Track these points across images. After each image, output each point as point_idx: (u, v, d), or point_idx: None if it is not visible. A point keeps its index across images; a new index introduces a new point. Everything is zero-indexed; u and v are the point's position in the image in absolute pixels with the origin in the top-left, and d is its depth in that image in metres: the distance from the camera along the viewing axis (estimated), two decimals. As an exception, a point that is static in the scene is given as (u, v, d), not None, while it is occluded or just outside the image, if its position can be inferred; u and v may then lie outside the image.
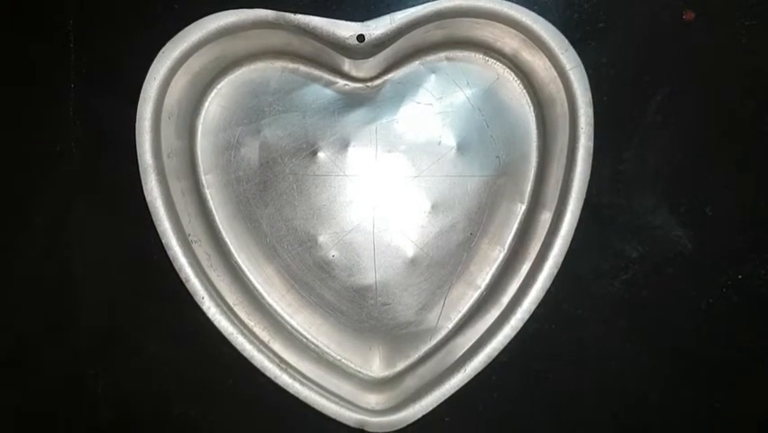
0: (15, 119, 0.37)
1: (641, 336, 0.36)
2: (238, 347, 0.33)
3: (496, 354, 0.33)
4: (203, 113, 0.36)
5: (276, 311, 0.37)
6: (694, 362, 0.36)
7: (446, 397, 0.33)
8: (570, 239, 0.33)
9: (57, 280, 0.37)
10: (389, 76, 0.37)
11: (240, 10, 0.33)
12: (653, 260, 0.36)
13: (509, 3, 0.33)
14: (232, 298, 0.35)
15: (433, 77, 0.37)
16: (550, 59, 0.33)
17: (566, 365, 0.36)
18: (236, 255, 0.37)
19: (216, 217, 0.37)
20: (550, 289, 0.33)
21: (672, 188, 0.36)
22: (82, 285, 0.37)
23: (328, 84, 0.37)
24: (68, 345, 0.37)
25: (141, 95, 0.33)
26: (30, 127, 0.37)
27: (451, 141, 0.36)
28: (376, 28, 0.33)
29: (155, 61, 0.33)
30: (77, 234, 0.37)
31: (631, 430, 0.37)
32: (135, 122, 0.33)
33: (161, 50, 0.33)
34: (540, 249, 0.34)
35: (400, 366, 0.36)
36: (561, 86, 0.34)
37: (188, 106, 0.35)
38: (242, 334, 0.33)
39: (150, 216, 0.33)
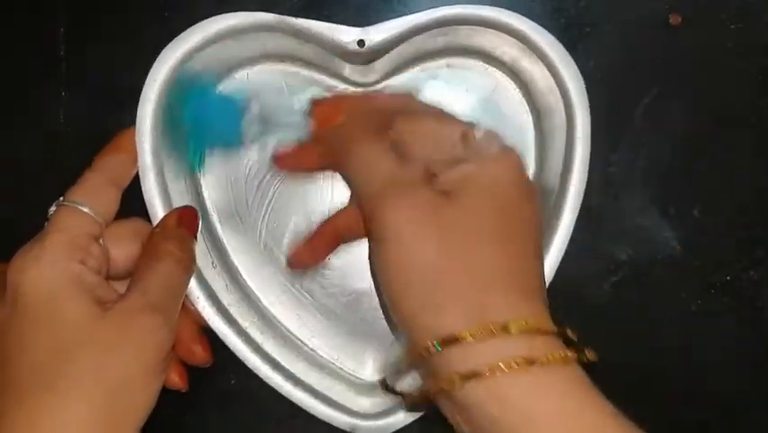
0: (6, 127, 0.37)
1: (630, 338, 0.36)
2: (231, 348, 0.34)
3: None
4: (202, 114, 0.36)
5: (271, 313, 0.37)
6: (682, 361, 0.37)
7: (438, 402, 0.33)
8: (564, 248, 0.33)
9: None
10: (390, 81, 0.37)
11: (241, 13, 0.33)
12: (643, 261, 0.36)
13: (509, 12, 0.33)
14: (227, 298, 0.35)
15: (432, 83, 0.37)
16: (548, 69, 0.34)
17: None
18: (233, 257, 0.37)
19: (214, 218, 0.37)
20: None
21: (660, 189, 0.37)
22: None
23: (329, 88, 0.37)
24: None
25: (142, 95, 0.33)
26: (21, 134, 0.37)
27: (449, 147, 0.37)
28: (376, 34, 0.33)
29: (156, 62, 0.33)
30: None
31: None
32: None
33: (162, 51, 0.33)
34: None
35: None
36: (559, 95, 0.34)
37: (188, 107, 0.35)
38: (236, 334, 0.34)
39: (148, 217, 0.33)
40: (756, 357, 0.37)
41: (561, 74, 0.33)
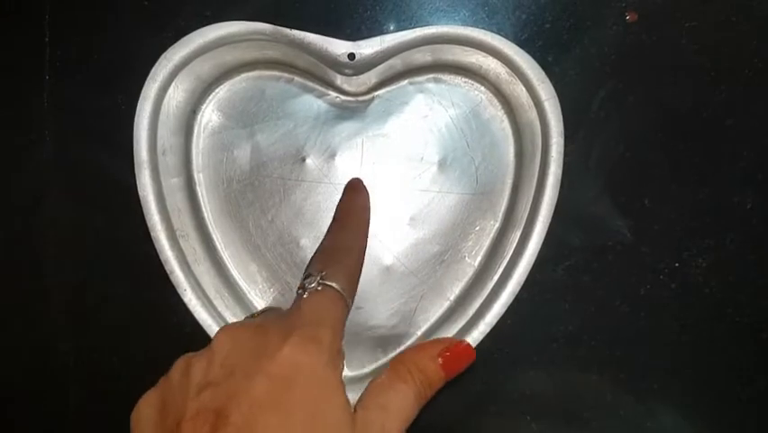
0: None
1: (580, 320, 0.38)
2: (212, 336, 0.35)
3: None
4: (200, 115, 0.38)
5: (256, 308, 0.39)
6: (630, 342, 0.38)
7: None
8: (534, 259, 0.35)
9: (29, 263, 0.39)
10: (379, 92, 0.39)
11: (241, 22, 0.35)
12: (595, 247, 0.38)
13: (492, 33, 0.35)
14: (213, 291, 0.37)
15: (420, 96, 0.38)
16: (527, 90, 0.35)
17: (513, 351, 0.38)
18: (222, 252, 0.39)
19: (207, 216, 0.39)
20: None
21: (612, 180, 0.38)
22: (57, 268, 0.39)
23: (320, 96, 0.39)
24: (41, 328, 0.39)
25: (142, 94, 0.35)
26: (4, 118, 0.39)
27: (433, 158, 0.38)
28: (366, 48, 0.35)
29: (157, 64, 0.35)
30: (52, 221, 0.39)
31: (576, 417, 0.39)
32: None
33: (164, 54, 0.35)
34: (506, 267, 0.36)
35: (368, 368, 0.38)
36: (536, 114, 0.36)
37: (186, 108, 0.37)
38: (218, 324, 0.35)
39: (140, 209, 0.35)
40: (700, 341, 0.38)
41: (538, 94, 0.35)
